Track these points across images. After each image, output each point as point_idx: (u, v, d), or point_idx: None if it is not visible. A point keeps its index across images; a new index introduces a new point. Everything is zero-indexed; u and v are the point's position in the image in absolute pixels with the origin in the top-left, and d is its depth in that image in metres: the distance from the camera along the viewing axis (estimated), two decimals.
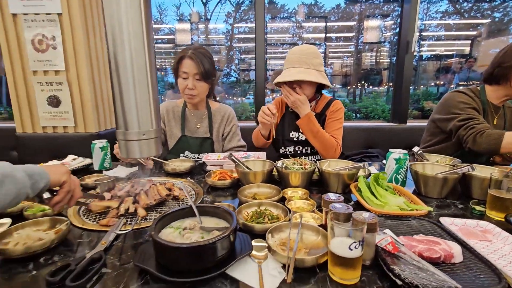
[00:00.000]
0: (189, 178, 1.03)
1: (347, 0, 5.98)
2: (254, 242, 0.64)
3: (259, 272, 0.57)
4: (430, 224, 0.74)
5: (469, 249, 0.62)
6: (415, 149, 1.14)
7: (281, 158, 1.18)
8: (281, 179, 1.09)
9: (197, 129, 1.60)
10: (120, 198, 0.92)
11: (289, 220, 0.74)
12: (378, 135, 2.30)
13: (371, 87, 6.03)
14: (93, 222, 0.82)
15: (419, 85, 5.77)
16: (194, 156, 1.57)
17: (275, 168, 1.11)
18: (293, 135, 1.51)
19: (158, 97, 0.78)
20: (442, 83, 5.70)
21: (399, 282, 0.51)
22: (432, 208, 0.86)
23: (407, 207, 0.81)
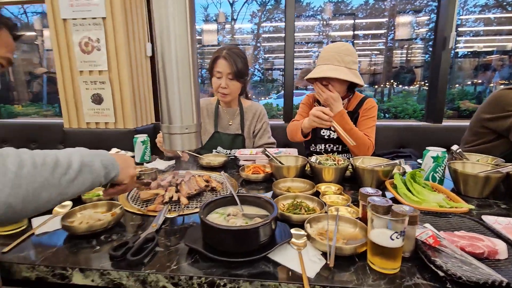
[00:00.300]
0: (223, 172, 1.08)
1: None
2: (293, 231, 0.68)
3: (299, 258, 0.60)
4: (471, 222, 0.72)
5: None
6: (454, 147, 1.11)
7: (313, 155, 1.20)
8: (314, 175, 1.11)
9: (229, 125, 1.66)
10: (163, 188, 1.00)
11: (325, 212, 0.76)
12: (410, 135, 2.23)
13: (400, 86, 5.79)
14: (140, 207, 0.90)
15: (454, 84, 5.45)
16: (226, 151, 1.63)
17: (307, 164, 1.13)
18: (324, 132, 1.51)
19: (199, 94, 0.83)
20: (480, 81, 5.34)
21: (441, 274, 0.51)
22: (473, 206, 0.84)
23: (447, 205, 0.80)
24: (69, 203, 0.88)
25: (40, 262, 0.61)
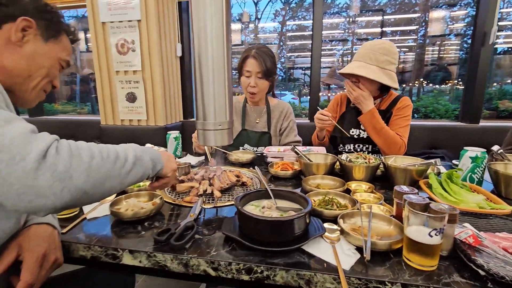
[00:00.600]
0: (256, 167, 1.12)
1: None
2: (326, 225, 0.69)
3: (334, 251, 0.61)
4: None
5: None
6: (495, 148, 1.06)
7: (343, 153, 1.20)
8: (343, 173, 1.11)
9: (256, 123, 1.69)
10: (197, 181, 1.05)
11: (357, 208, 0.77)
12: (443, 135, 2.13)
13: (431, 84, 5.50)
14: (176, 198, 0.95)
15: (491, 82, 5.08)
16: (253, 148, 1.67)
17: (337, 162, 1.13)
18: (353, 132, 1.49)
19: (232, 92, 0.87)
20: None
21: (482, 273, 0.51)
22: None
23: (487, 206, 0.77)
24: None
25: (94, 243, 0.68)
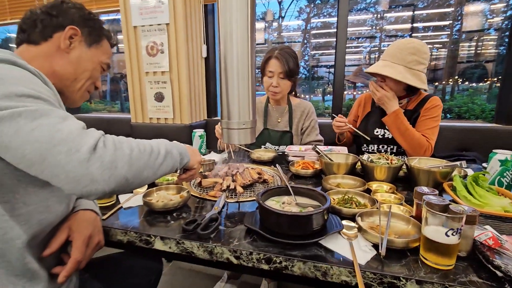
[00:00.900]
0: (277, 165, 1.15)
1: None
2: (345, 222, 0.71)
3: (351, 247, 0.64)
4: None
5: None
6: None
7: (366, 153, 1.20)
8: (365, 173, 1.12)
9: (278, 123, 1.73)
10: (221, 177, 1.11)
11: (376, 208, 0.78)
12: (476, 137, 2.02)
13: (467, 83, 5.17)
14: (202, 192, 1.02)
15: None
16: (274, 147, 1.70)
17: (358, 162, 1.14)
18: (377, 132, 1.47)
19: (255, 93, 0.91)
20: None
21: (500, 274, 0.51)
22: None
23: None
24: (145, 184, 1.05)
25: (130, 229, 0.76)
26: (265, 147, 1.72)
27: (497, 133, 1.97)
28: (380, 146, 1.47)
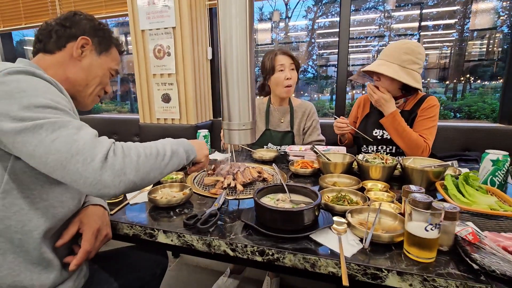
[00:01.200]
0: (274, 164, 1.20)
1: None
2: (335, 218, 0.75)
3: (339, 241, 0.68)
4: None
5: None
6: None
7: (361, 153, 1.23)
8: (361, 172, 1.15)
9: (280, 123, 1.77)
10: (222, 175, 1.16)
11: (368, 205, 0.82)
12: (479, 137, 2.02)
13: (479, 81, 5.07)
14: (204, 190, 1.07)
15: None
16: (276, 147, 1.75)
17: (355, 162, 1.18)
18: (376, 133, 1.50)
19: (255, 95, 0.95)
20: None
21: (476, 267, 0.54)
22: None
23: (499, 208, 0.78)
24: None
25: (136, 223, 0.82)
26: (267, 147, 1.77)
27: (501, 133, 1.96)
28: (379, 147, 1.50)
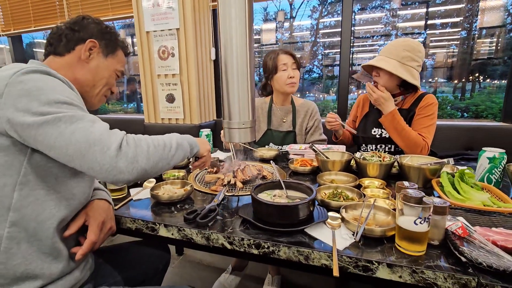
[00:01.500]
0: (272, 161, 1.22)
1: None
2: (330, 213, 0.78)
3: (332, 235, 0.70)
4: None
5: None
6: None
7: (359, 151, 1.25)
8: (358, 170, 1.17)
9: (282, 123, 1.78)
10: (223, 173, 1.19)
11: (363, 201, 0.84)
12: (483, 137, 2.01)
13: (488, 80, 4.99)
14: (204, 187, 1.10)
15: None
16: (278, 147, 1.77)
17: (353, 160, 1.19)
18: (375, 132, 1.51)
19: (255, 95, 0.98)
20: None
21: (464, 259, 0.56)
22: None
23: (492, 204, 0.79)
24: (153, 180, 1.14)
25: (138, 218, 0.85)
26: (269, 147, 1.79)
27: (504, 132, 1.95)
28: (378, 146, 1.51)
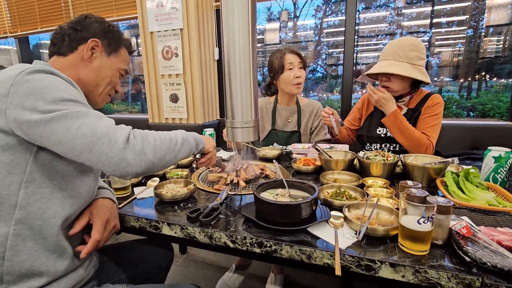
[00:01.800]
0: (275, 160, 1.22)
1: None
2: (333, 213, 0.77)
3: (335, 234, 0.70)
4: None
5: None
6: None
7: (363, 150, 1.24)
8: (362, 169, 1.16)
9: (288, 123, 1.77)
10: (226, 172, 1.20)
11: (366, 201, 0.83)
12: (488, 136, 1.98)
13: (495, 79, 4.91)
14: (207, 186, 1.11)
15: None
16: (281, 147, 1.76)
17: (356, 159, 1.19)
18: (380, 131, 1.50)
19: (258, 94, 0.98)
20: None
21: (468, 259, 0.55)
22: None
23: (498, 203, 0.78)
24: (156, 179, 1.15)
25: (142, 216, 0.86)
26: (272, 147, 1.79)
27: (511, 131, 1.92)
28: (383, 145, 1.50)
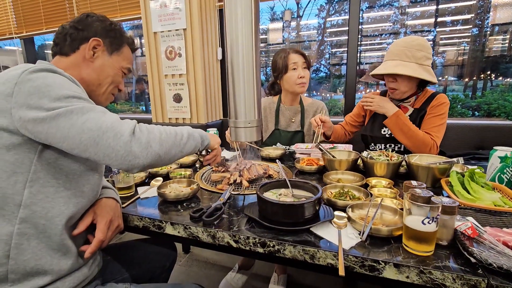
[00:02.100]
0: (278, 160, 1.22)
1: None
2: (336, 213, 0.77)
3: (338, 234, 0.70)
4: None
5: None
6: None
7: (366, 150, 1.23)
8: (365, 169, 1.15)
9: (291, 122, 1.77)
10: (229, 172, 1.20)
11: (369, 200, 0.83)
12: (494, 136, 1.96)
13: (500, 78, 4.85)
14: (211, 185, 1.11)
15: None
16: (285, 147, 1.76)
17: (360, 159, 1.18)
18: (384, 131, 1.48)
19: (261, 94, 0.98)
20: None
21: (473, 260, 0.55)
22: None
23: (503, 204, 0.77)
24: (160, 179, 1.16)
25: (145, 216, 0.86)
26: (275, 147, 1.78)
27: None
28: (387, 145, 1.48)
